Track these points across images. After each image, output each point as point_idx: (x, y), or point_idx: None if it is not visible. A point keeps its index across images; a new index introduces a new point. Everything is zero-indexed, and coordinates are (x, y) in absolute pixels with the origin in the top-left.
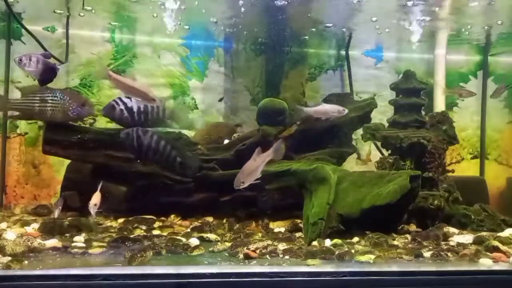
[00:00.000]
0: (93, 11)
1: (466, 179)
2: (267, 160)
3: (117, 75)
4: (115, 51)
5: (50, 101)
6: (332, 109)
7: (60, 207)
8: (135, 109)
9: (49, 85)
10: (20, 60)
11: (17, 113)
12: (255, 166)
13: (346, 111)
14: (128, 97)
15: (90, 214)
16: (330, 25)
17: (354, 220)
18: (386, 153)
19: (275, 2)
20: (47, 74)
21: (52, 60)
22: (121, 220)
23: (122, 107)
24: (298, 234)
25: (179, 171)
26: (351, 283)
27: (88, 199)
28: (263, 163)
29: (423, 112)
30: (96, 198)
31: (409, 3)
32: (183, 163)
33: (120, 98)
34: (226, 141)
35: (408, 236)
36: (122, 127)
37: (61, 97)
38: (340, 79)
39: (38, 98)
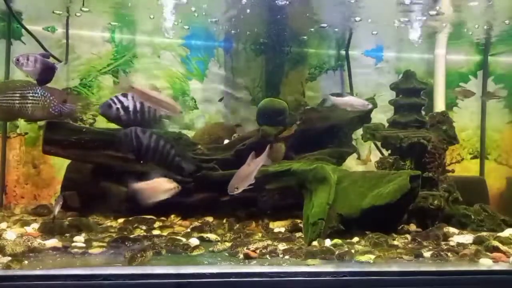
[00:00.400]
0: (88, 10)
1: (466, 179)
2: (261, 165)
3: (140, 88)
4: (115, 51)
5: (30, 98)
6: (357, 103)
7: (60, 204)
8: (131, 108)
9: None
10: (18, 60)
11: None
12: (249, 171)
13: (370, 106)
14: (125, 96)
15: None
16: (325, 25)
17: (354, 220)
18: (386, 153)
19: (276, 1)
20: (46, 73)
21: (51, 60)
22: (121, 220)
23: (118, 105)
24: (298, 234)
25: (178, 170)
26: (351, 283)
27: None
28: (257, 168)
29: (423, 112)
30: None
31: (407, 1)
32: (181, 162)
33: (116, 97)
34: (226, 141)
35: (408, 236)
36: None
37: (42, 93)
38: (340, 79)
39: (18, 95)
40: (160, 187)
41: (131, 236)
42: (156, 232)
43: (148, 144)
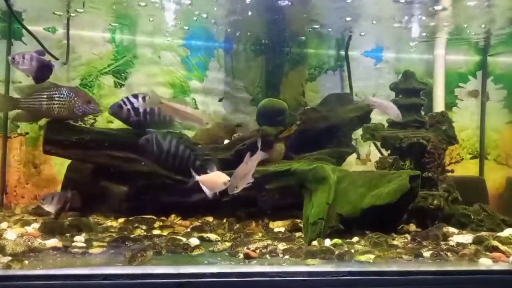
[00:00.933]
0: (83, 11)
1: (466, 179)
2: (258, 161)
3: (170, 102)
4: (116, 51)
5: (57, 99)
6: (392, 111)
7: (62, 201)
8: (141, 110)
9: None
10: (13, 58)
11: (20, 112)
12: (247, 170)
13: (400, 118)
14: (135, 97)
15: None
16: (317, 26)
17: (354, 220)
18: (385, 153)
19: (279, 2)
20: (42, 71)
21: (47, 57)
22: (121, 220)
23: (129, 106)
24: (298, 234)
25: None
26: (351, 283)
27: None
28: (254, 166)
29: (422, 112)
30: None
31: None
32: (202, 166)
33: (127, 98)
34: (226, 141)
35: (407, 236)
36: (126, 127)
37: (68, 94)
38: (340, 79)
39: (45, 96)
40: (219, 179)
41: (131, 236)
42: (156, 232)
43: (168, 149)
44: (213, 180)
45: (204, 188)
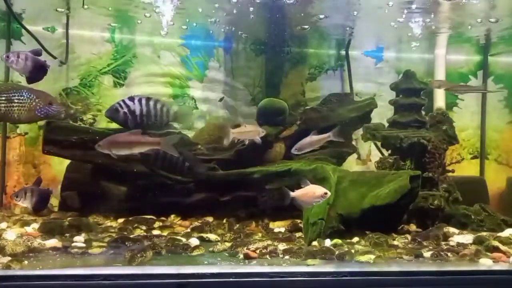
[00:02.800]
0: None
1: (466, 179)
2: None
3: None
4: (115, 51)
5: (16, 101)
6: None
7: (30, 195)
8: (137, 112)
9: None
10: (8, 57)
11: None
12: (313, 140)
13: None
14: (131, 100)
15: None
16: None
17: (354, 220)
18: (386, 153)
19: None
20: (37, 71)
21: (45, 58)
22: (121, 220)
23: (125, 109)
24: (298, 234)
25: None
26: (351, 283)
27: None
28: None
29: (423, 112)
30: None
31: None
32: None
33: (123, 101)
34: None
35: (408, 236)
36: (124, 128)
37: (28, 96)
38: (340, 79)
39: (3, 98)
40: (316, 193)
41: (131, 236)
42: (156, 232)
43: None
44: (309, 194)
45: (301, 203)
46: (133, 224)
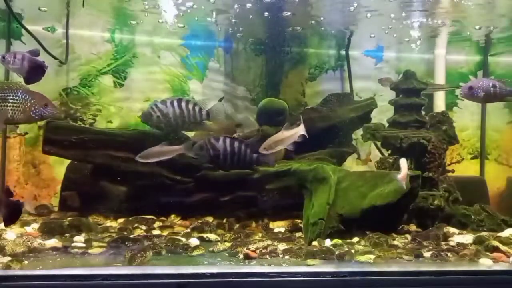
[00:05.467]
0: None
1: (466, 179)
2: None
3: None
4: (115, 51)
5: (11, 101)
6: None
7: None
8: (171, 115)
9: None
10: (3, 57)
11: None
12: (283, 137)
13: None
14: (164, 103)
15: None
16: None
17: (354, 220)
18: (386, 153)
19: None
20: (34, 72)
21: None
22: (121, 220)
23: (158, 113)
24: (298, 234)
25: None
26: (351, 283)
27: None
28: (291, 135)
29: (423, 112)
30: None
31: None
32: (260, 158)
33: (156, 105)
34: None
35: (408, 236)
36: (124, 128)
37: (23, 96)
38: (340, 79)
39: None
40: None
41: (131, 236)
42: (156, 232)
43: (224, 149)
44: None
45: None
46: (133, 224)
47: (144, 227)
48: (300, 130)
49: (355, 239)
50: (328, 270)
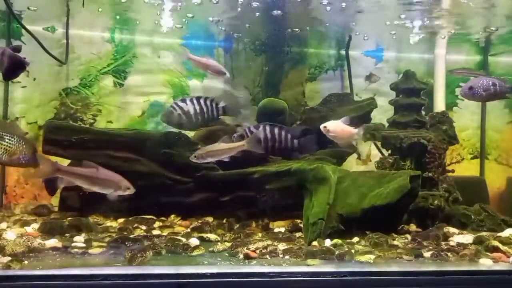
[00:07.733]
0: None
1: (466, 179)
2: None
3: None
4: (115, 51)
5: (6, 141)
6: (212, 68)
7: None
8: (192, 112)
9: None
10: None
11: None
12: (220, 147)
13: (224, 73)
14: (183, 101)
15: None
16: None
17: (354, 220)
18: (386, 153)
19: None
20: (13, 68)
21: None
22: (121, 220)
23: (179, 111)
24: (298, 234)
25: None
26: (351, 283)
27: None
28: (230, 148)
29: (423, 112)
30: None
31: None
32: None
33: (176, 103)
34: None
35: (408, 236)
36: (126, 128)
37: (18, 140)
38: (340, 79)
39: None
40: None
41: (131, 236)
42: (156, 232)
43: (273, 137)
44: None
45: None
46: (133, 224)
47: (144, 227)
48: (245, 145)
49: (355, 239)
50: (328, 270)
